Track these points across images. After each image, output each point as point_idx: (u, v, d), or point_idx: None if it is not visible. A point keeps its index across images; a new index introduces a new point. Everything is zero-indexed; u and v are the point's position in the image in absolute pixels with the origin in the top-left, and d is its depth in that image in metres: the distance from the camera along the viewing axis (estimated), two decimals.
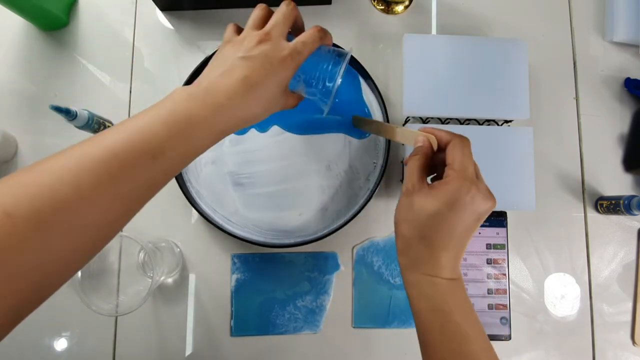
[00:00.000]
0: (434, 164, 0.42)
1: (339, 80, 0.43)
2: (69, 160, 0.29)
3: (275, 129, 0.59)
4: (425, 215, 0.36)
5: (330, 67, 0.43)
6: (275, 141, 0.59)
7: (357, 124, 0.58)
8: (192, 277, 0.58)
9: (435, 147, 0.41)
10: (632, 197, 0.56)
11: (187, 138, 0.33)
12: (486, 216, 0.37)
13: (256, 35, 0.38)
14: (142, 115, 0.33)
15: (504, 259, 0.59)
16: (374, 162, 0.59)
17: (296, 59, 0.38)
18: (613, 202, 0.59)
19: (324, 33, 0.41)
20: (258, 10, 0.41)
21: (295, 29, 0.43)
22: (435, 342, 0.36)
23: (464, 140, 0.40)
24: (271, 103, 0.39)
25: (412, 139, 0.44)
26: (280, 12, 0.40)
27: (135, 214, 0.33)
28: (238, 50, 0.38)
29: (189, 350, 0.57)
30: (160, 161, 0.32)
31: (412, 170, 0.40)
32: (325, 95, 0.44)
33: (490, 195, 0.37)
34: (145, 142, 0.31)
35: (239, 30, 0.42)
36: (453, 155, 0.38)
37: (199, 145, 0.35)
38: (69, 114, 0.50)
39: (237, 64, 0.37)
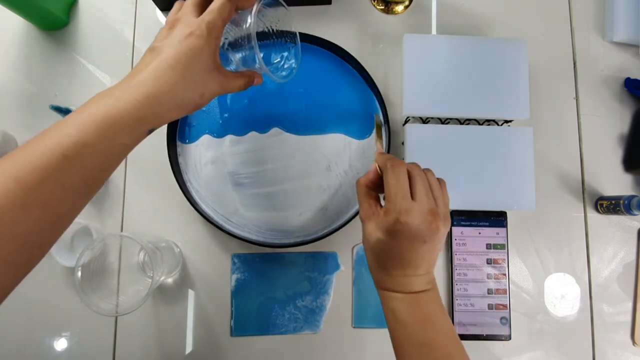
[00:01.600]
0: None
1: (250, 25, 0.39)
2: (15, 165, 0.30)
3: (275, 129, 0.59)
4: (373, 242, 0.39)
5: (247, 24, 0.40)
6: (275, 141, 0.59)
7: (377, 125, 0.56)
8: (192, 277, 0.58)
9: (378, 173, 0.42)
10: (632, 197, 0.56)
11: (101, 134, 0.33)
12: (434, 233, 0.37)
13: (166, 25, 0.38)
14: (65, 119, 0.33)
15: (504, 259, 0.59)
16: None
17: (204, 28, 0.37)
18: (613, 202, 0.59)
19: None
20: (175, 4, 0.41)
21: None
22: (404, 352, 0.38)
23: (395, 165, 0.39)
24: (197, 82, 0.37)
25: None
26: None
27: (69, 219, 0.33)
28: (151, 44, 0.38)
29: (189, 350, 0.57)
30: (72, 161, 0.31)
31: (359, 199, 0.41)
32: (251, 59, 0.41)
33: (429, 214, 0.37)
34: (57, 144, 0.31)
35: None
36: (385, 184, 0.39)
37: (119, 141, 0.34)
38: (69, 114, 0.50)
39: (147, 55, 0.37)
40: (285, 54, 0.46)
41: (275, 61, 0.47)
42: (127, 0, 0.64)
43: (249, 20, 0.39)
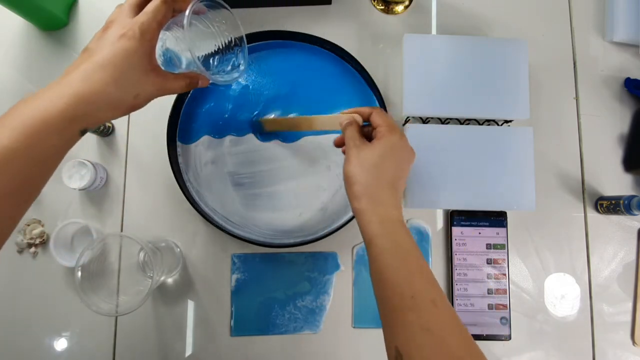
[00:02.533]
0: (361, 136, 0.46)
1: (185, 23, 0.38)
2: None
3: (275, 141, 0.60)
4: (375, 161, 0.42)
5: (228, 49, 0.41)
6: (275, 141, 0.59)
7: (264, 127, 0.58)
8: (192, 277, 0.58)
9: (360, 122, 0.46)
10: (632, 197, 0.56)
11: (30, 137, 0.32)
12: (412, 163, 0.45)
13: (102, 28, 0.38)
14: None
15: (504, 259, 0.59)
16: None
17: (137, 29, 0.36)
18: (613, 202, 0.59)
19: None
20: (115, 8, 0.41)
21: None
22: (395, 274, 0.37)
23: (381, 110, 0.46)
24: (130, 83, 0.37)
25: (336, 123, 0.48)
26: None
27: (7, 227, 0.33)
28: (85, 47, 0.37)
29: (189, 350, 0.57)
30: (3, 167, 0.31)
31: (353, 134, 0.45)
32: (182, 60, 0.41)
33: (386, 136, 0.43)
34: None
35: None
36: (379, 120, 0.45)
37: (49, 143, 0.33)
38: None
39: (79, 57, 0.36)
40: (234, 57, 0.46)
41: (220, 64, 0.46)
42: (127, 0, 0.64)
43: (183, 21, 0.39)
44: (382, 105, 0.59)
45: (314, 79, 0.61)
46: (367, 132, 0.46)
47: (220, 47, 0.44)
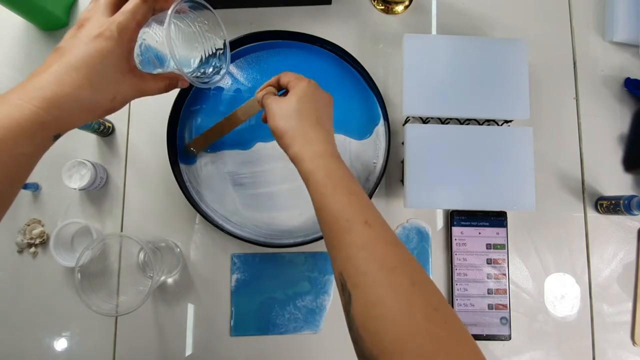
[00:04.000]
0: None
1: (167, 22, 0.37)
2: None
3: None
4: (294, 107, 0.44)
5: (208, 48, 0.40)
6: (275, 141, 0.59)
7: (194, 146, 0.58)
8: (192, 277, 0.58)
9: (275, 92, 0.48)
10: (632, 197, 0.56)
11: (6, 146, 0.30)
12: (331, 104, 0.48)
13: (75, 25, 0.36)
14: None
15: (504, 259, 0.59)
16: (374, 162, 0.59)
17: (115, 29, 0.35)
18: (613, 202, 0.59)
19: None
20: (90, 4, 0.38)
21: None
22: (331, 202, 0.38)
23: (286, 72, 0.48)
24: (106, 85, 0.35)
25: (255, 104, 0.51)
26: None
27: None
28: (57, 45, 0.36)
29: (189, 350, 0.57)
30: None
31: (269, 95, 0.47)
32: (162, 61, 0.39)
33: (296, 84, 0.46)
34: None
35: None
36: (286, 78, 0.47)
37: (18, 151, 0.31)
38: None
39: (51, 56, 0.34)
40: (216, 60, 0.46)
41: (201, 66, 0.45)
42: None
43: (165, 20, 0.37)
44: (382, 105, 0.59)
45: (313, 79, 0.60)
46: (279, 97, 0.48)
47: (203, 49, 0.44)
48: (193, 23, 0.42)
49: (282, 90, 0.49)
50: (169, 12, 0.37)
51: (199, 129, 0.59)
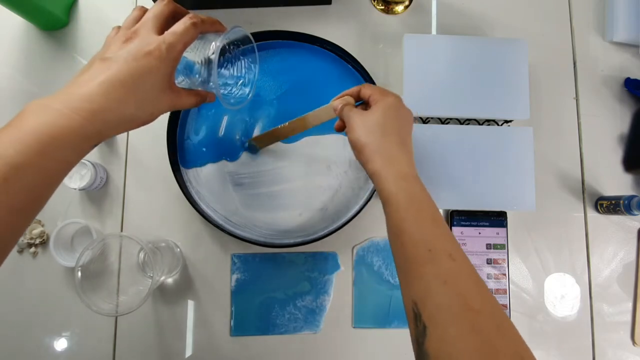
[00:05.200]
0: None
1: (213, 56, 0.39)
2: None
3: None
4: (378, 122, 0.43)
5: (209, 50, 0.40)
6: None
7: (256, 144, 0.58)
8: (192, 277, 0.58)
9: (353, 103, 0.47)
10: (632, 197, 0.56)
11: (44, 152, 0.31)
12: (412, 121, 0.46)
13: (123, 35, 0.36)
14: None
15: (504, 259, 0.59)
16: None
17: (164, 50, 0.36)
18: (613, 202, 0.59)
19: (198, 19, 0.38)
20: (134, 12, 0.39)
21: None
22: (412, 228, 0.37)
23: (368, 84, 0.48)
24: (147, 102, 0.36)
25: (330, 111, 0.49)
26: (152, 10, 0.38)
27: (10, 242, 0.31)
28: (104, 53, 0.36)
29: (189, 351, 0.57)
30: (13, 182, 0.29)
31: (350, 109, 0.46)
32: (206, 82, 0.41)
33: (382, 97, 0.45)
34: None
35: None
36: (368, 90, 0.46)
37: (61, 158, 0.32)
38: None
39: (97, 67, 0.35)
40: (241, 80, 0.46)
41: (229, 87, 0.46)
42: (127, 0, 0.64)
43: (211, 49, 0.39)
44: None
45: (314, 79, 0.61)
46: (361, 110, 0.47)
47: (233, 70, 0.44)
48: (229, 45, 0.43)
49: (360, 101, 0.48)
50: (217, 43, 0.39)
51: (199, 128, 0.59)
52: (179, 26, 0.37)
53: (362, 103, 0.47)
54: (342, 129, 0.49)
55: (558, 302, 0.60)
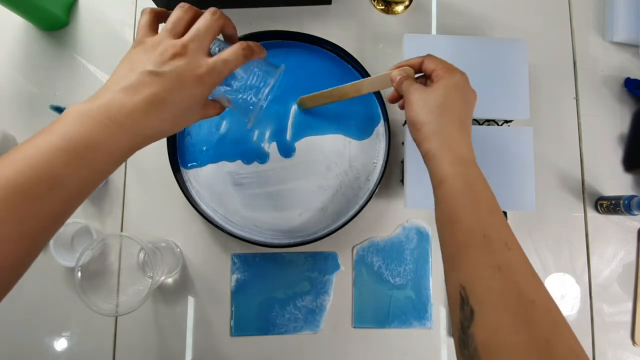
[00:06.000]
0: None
1: (264, 102, 0.42)
2: None
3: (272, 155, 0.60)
4: (440, 101, 0.41)
5: (258, 83, 0.41)
6: (274, 143, 0.59)
7: (305, 104, 0.57)
8: (192, 277, 0.58)
9: (412, 74, 0.46)
10: (632, 197, 0.56)
11: (86, 163, 0.31)
12: (475, 103, 0.44)
13: (171, 47, 0.35)
14: (34, 141, 0.30)
15: None
16: (374, 162, 0.59)
17: (214, 77, 0.36)
18: (613, 202, 0.59)
19: (249, 50, 0.38)
20: (179, 13, 0.37)
21: (226, 37, 0.41)
22: (467, 213, 0.36)
23: (432, 55, 0.45)
24: (183, 119, 0.37)
25: (386, 80, 0.47)
26: (203, 22, 0.36)
27: (42, 248, 0.32)
28: (148, 60, 0.34)
29: (189, 350, 0.57)
30: (58, 191, 0.30)
31: (409, 83, 0.44)
32: (247, 111, 0.42)
33: (447, 72, 0.43)
34: (40, 173, 0.29)
35: (156, 21, 0.38)
36: (432, 64, 0.44)
37: (101, 169, 0.33)
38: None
39: (145, 80, 0.33)
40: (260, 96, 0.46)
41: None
42: (127, 0, 0.64)
43: (263, 102, 0.42)
44: (382, 105, 0.59)
45: (314, 79, 0.61)
46: (421, 83, 0.45)
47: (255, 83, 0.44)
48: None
49: (420, 74, 0.46)
50: (267, 90, 0.41)
51: (199, 127, 0.59)
52: (231, 55, 0.37)
53: (423, 76, 0.45)
54: (396, 100, 0.47)
55: (558, 302, 0.60)
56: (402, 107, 0.47)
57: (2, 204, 0.28)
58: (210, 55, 0.37)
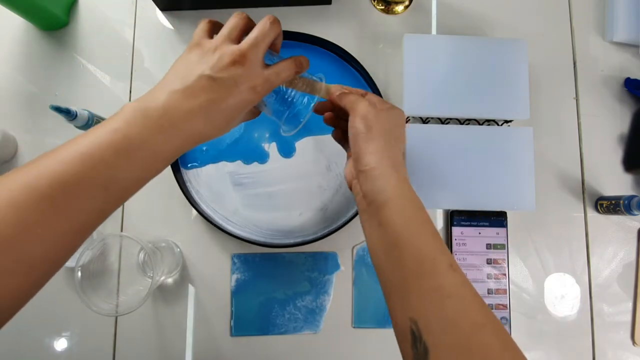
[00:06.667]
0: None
1: (307, 116, 0.43)
2: (11, 192, 0.27)
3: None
4: (384, 126, 0.40)
5: (303, 99, 0.42)
6: (274, 143, 0.59)
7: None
8: (192, 277, 0.58)
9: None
10: (632, 197, 0.56)
11: (142, 164, 0.32)
12: (401, 117, 0.43)
13: (230, 54, 0.34)
14: (92, 138, 0.30)
15: (504, 259, 0.59)
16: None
17: (266, 87, 0.37)
18: (613, 202, 0.59)
19: (301, 67, 0.39)
20: (237, 20, 0.38)
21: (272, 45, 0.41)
22: (415, 238, 0.35)
23: (348, 92, 0.43)
24: (230, 124, 0.37)
25: (321, 90, 0.45)
26: (261, 30, 0.37)
27: (82, 243, 0.32)
28: (206, 64, 0.34)
29: (189, 351, 0.57)
30: (112, 191, 0.30)
31: (357, 97, 0.42)
32: (291, 123, 0.43)
33: (389, 104, 0.42)
34: (96, 172, 0.29)
35: (212, 29, 0.39)
36: (353, 103, 0.41)
37: (154, 169, 0.33)
38: (69, 114, 0.50)
39: (203, 84, 0.33)
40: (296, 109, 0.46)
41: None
42: (127, 0, 0.64)
43: (307, 117, 0.43)
44: None
45: None
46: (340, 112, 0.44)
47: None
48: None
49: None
50: (318, 97, 0.42)
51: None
52: (285, 70, 0.38)
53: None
54: (331, 120, 0.45)
55: (558, 302, 0.60)
56: (336, 138, 0.47)
57: (48, 201, 0.28)
58: (265, 65, 0.37)
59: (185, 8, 0.63)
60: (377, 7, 0.65)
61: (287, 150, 0.59)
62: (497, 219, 0.60)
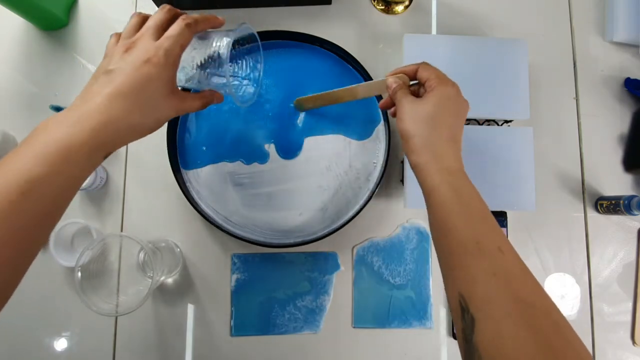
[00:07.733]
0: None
1: (224, 52, 0.40)
2: None
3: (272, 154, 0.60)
4: (430, 114, 0.41)
5: (217, 45, 0.40)
6: (273, 143, 0.59)
7: (302, 105, 0.58)
8: (192, 277, 0.58)
9: (408, 82, 0.46)
10: (632, 197, 0.56)
11: (61, 166, 0.32)
12: (467, 113, 0.44)
13: (122, 45, 0.37)
14: (16, 152, 0.32)
15: None
16: (374, 162, 0.59)
17: (162, 56, 0.36)
18: (613, 202, 0.59)
19: (192, 19, 0.39)
20: (133, 19, 0.39)
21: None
22: (458, 221, 0.36)
23: (427, 63, 0.45)
24: (152, 108, 0.37)
25: (382, 87, 0.47)
26: (152, 18, 0.39)
27: (34, 254, 0.32)
28: (107, 65, 0.37)
29: (189, 350, 0.57)
30: (30, 196, 0.30)
31: (403, 93, 0.44)
32: (213, 77, 0.41)
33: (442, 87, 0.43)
34: (13, 181, 0.30)
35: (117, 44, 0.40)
36: (426, 73, 0.43)
37: (77, 170, 0.34)
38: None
39: (102, 80, 0.36)
40: (246, 81, 0.46)
41: (234, 86, 0.46)
42: (127, 0, 0.64)
43: (217, 46, 0.40)
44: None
45: (314, 79, 0.61)
46: (414, 91, 0.46)
47: (238, 71, 0.45)
48: (234, 44, 0.43)
49: (414, 81, 0.46)
50: (228, 40, 0.40)
51: (200, 128, 0.59)
52: (173, 29, 0.38)
53: (417, 83, 0.46)
54: (388, 107, 0.48)
55: (558, 302, 0.60)
56: (393, 115, 0.47)
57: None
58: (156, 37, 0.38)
59: (185, 8, 0.63)
60: (377, 7, 0.65)
61: (287, 151, 0.59)
62: (497, 219, 0.59)
